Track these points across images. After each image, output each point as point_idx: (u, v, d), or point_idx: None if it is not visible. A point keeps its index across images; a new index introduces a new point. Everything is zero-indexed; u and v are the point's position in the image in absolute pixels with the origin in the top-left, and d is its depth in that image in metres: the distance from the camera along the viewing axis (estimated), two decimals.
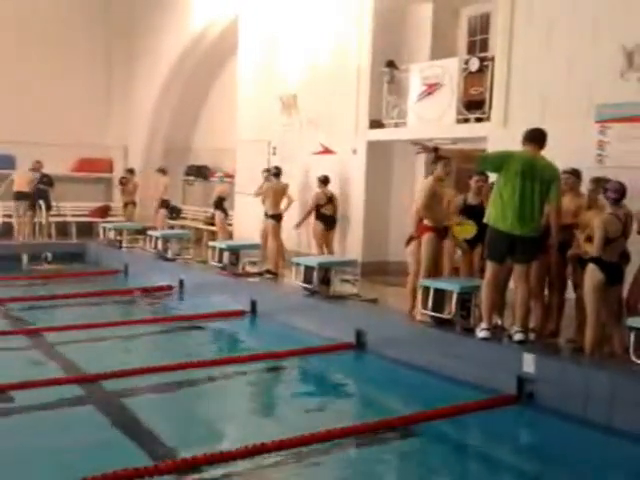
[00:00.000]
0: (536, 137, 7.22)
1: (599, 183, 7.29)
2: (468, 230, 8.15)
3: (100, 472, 4.77)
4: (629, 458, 5.92)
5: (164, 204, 16.06)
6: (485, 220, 7.36)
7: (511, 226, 7.09)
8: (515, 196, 7.02)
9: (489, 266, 7.37)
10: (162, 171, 16.16)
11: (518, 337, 7.25)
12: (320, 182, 11.94)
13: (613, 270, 6.86)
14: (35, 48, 18.15)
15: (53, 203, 16.36)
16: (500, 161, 7.18)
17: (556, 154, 7.44)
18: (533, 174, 7.04)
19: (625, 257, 7.05)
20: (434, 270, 8.39)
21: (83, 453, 5.38)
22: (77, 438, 5.69)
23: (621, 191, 6.91)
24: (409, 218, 8.85)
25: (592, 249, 6.84)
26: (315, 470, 5.49)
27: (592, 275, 6.83)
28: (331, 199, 11.92)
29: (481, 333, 7.41)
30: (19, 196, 15.97)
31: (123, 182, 17.01)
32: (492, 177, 8.26)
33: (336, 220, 12.00)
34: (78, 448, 5.47)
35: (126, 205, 16.99)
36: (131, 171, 17.28)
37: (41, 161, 16.24)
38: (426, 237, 8.35)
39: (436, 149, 7.32)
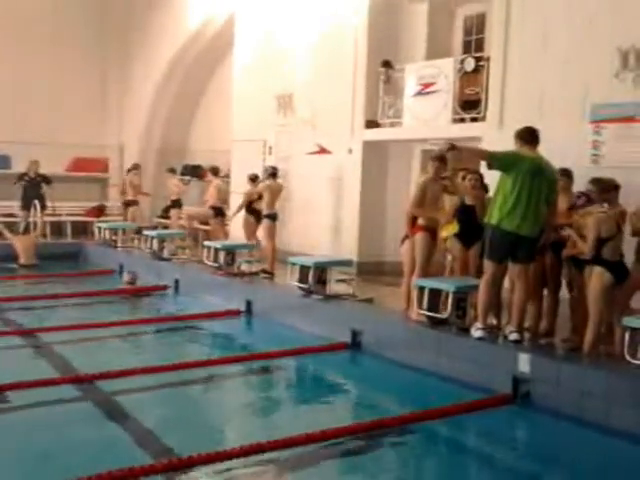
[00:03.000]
0: (536, 137, 7.24)
1: (598, 184, 7.26)
2: (451, 227, 8.15)
3: (95, 472, 4.75)
4: (625, 457, 5.92)
5: (175, 204, 15.58)
6: (486, 220, 7.31)
7: (517, 226, 7.07)
8: (523, 196, 7.01)
9: (488, 266, 7.36)
10: (172, 171, 15.87)
11: (513, 337, 7.25)
12: (250, 180, 12.59)
13: (619, 269, 6.86)
14: (31, 48, 18.11)
15: (48, 203, 16.21)
16: (510, 161, 7.14)
17: (551, 154, 7.44)
18: (540, 175, 7.07)
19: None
20: (429, 269, 8.38)
21: (78, 453, 5.36)
22: (72, 438, 5.68)
23: (592, 191, 6.94)
24: (404, 218, 8.84)
25: (586, 248, 6.84)
26: (310, 470, 5.48)
27: (601, 277, 6.79)
28: (260, 196, 12.23)
29: (477, 333, 7.41)
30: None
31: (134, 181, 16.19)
32: (487, 177, 8.31)
33: (262, 215, 12.16)
34: (74, 448, 5.46)
35: (127, 205, 16.18)
36: (136, 167, 16.45)
37: (38, 161, 16.13)
38: (418, 236, 8.34)
39: (453, 147, 7.25)
